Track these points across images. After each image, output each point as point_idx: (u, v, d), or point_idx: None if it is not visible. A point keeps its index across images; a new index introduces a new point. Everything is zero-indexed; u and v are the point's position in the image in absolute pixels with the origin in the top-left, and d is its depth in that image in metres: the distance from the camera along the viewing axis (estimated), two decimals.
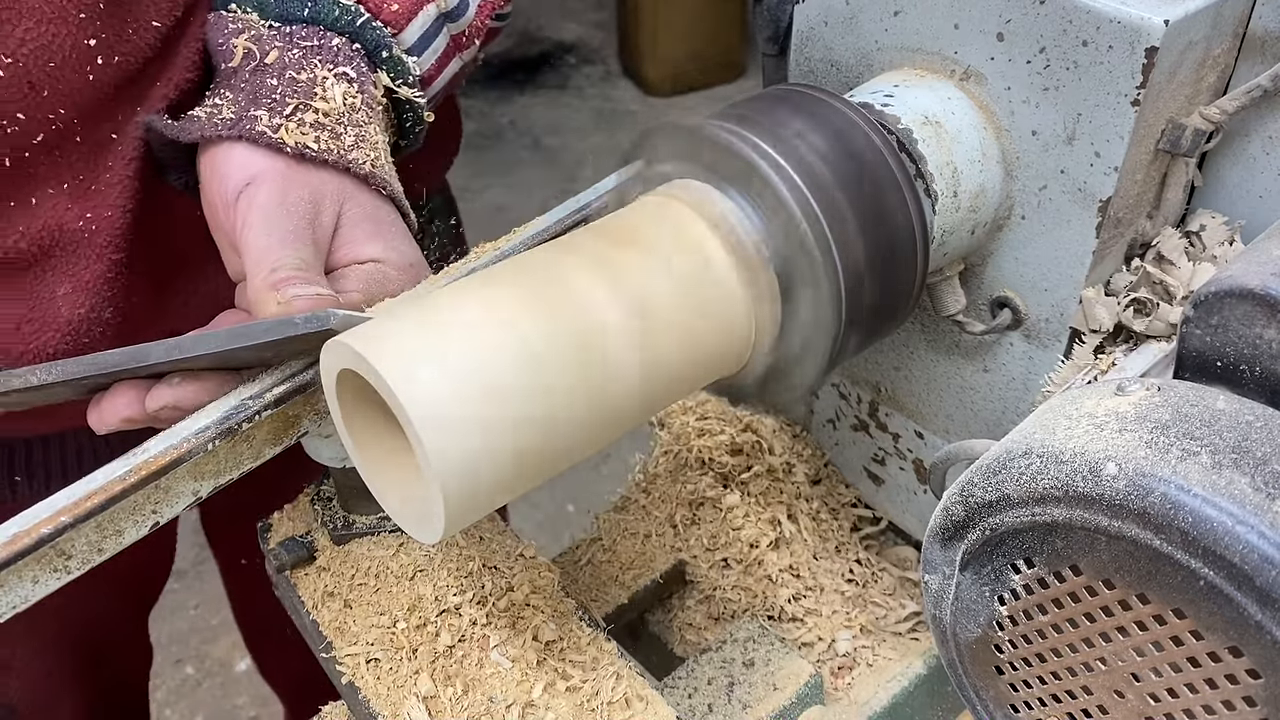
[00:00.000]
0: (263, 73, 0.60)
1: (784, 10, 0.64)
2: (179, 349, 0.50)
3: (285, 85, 0.59)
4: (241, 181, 0.57)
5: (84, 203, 0.62)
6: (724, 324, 0.48)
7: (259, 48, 0.61)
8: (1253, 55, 0.54)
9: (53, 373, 0.52)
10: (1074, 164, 0.53)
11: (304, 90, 0.60)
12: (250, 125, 0.58)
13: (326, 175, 0.59)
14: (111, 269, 0.64)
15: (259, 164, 0.58)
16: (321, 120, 0.59)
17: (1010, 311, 0.59)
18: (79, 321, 0.64)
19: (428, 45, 0.67)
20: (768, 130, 0.49)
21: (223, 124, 0.58)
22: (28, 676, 0.83)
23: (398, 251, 0.59)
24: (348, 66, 0.62)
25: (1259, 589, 0.35)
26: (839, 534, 0.76)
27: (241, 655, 1.91)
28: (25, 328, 0.63)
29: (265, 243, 0.55)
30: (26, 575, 0.47)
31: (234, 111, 0.59)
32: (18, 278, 0.62)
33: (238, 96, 0.60)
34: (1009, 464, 0.42)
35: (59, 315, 0.63)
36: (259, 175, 0.57)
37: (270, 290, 0.53)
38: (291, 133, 0.58)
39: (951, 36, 0.55)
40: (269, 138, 0.57)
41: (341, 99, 0.60)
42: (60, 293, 0.63)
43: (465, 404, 0.41)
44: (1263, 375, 0.42)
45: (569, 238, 0.49)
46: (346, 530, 0.62)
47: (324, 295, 0.53)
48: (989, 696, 0.48)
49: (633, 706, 0.55)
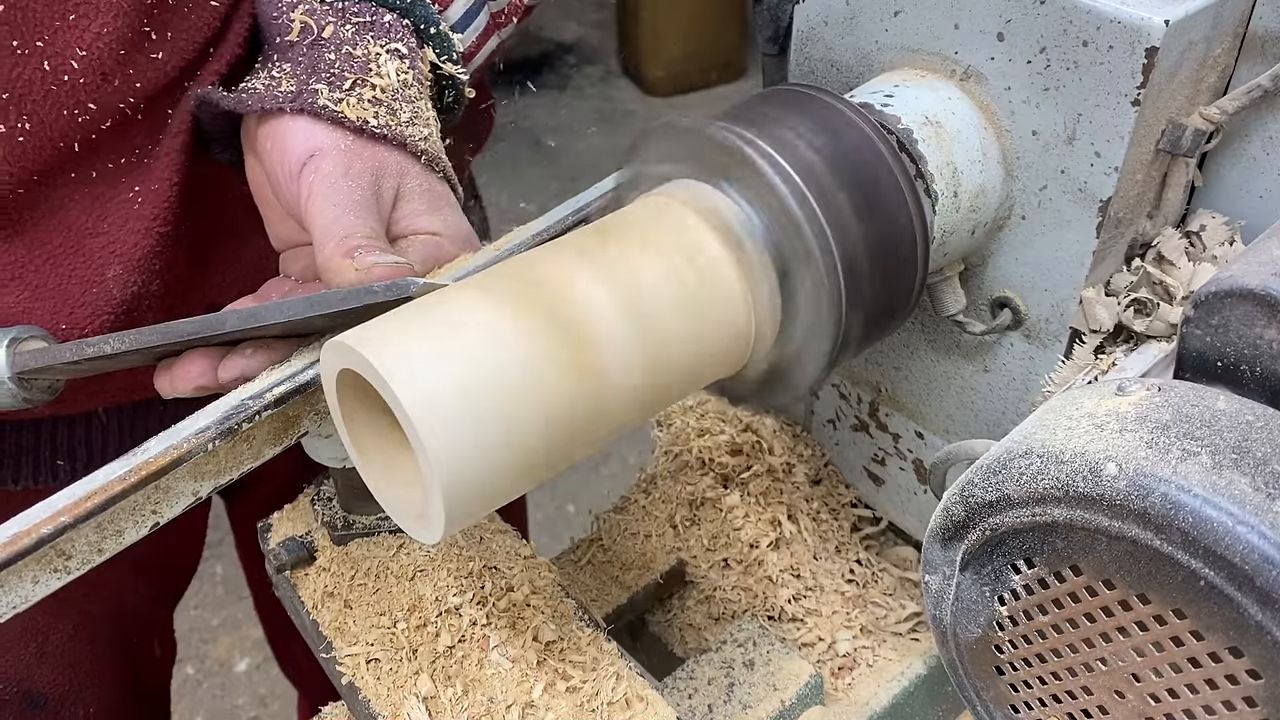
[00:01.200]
0: (320, 47, 0.61)
1: (784, 10, 0.64)
2: (254, 317, 0.51)
3: (342, 60, 0.60)
4: (305, 153, 0.58)
5: (136, 177, 0.64)
6: (724, 324, 0.48)
7: (315, 22, 0.62)
8: (1253, 55, 0.54)
9: (126, 341, 0.53)
10: (1074, 164, 0.53)
11: (360, 66, 0.61)
12: (311, 99, 0.58)
13: (385, 150, 0.59)
14: (159, 243, 0.65)
15: (322, 137, 0.58)
16: (379, 96, 0.60)
17: (1010, 311, 0.59)
18: (130, 299, 0.65)
19: (470, 22, 0.68)
20: (768, 130, 0.49)
21: (283, 97, 0.59)
22: (60, 664, 0.84)
23: (453, 226, 0.60)
24: (399, 43, 0.63)
25: (1259, 589, 0.35)
26: (839, 534, 0.76)
27: (241, 655, 1.92)
28: (79, 311, 0.64)
29: (334, 213, 0.55)
30: (26, 575, 0.47)
31: (294, 85, 0.59)
32: (68, 260, 0.63)
33: (296, 70, 0.60)
34: (1009, 464, 0.42)
35: (111, 297, 0.65)
36: (323, 148, 0.58)
37: (344, 257, 0.53)
38: (352, 107, 0.59)
39: (952, 36, 0.55)
40: (331, 111, 0.58)
41: (395, 75, 0.61)
42: (110, 274, 0.64)
43: (465, 404, 0.41)
44: (1263, 375, 0.42)
45: (569, 238, 0.49)
46: (346, 530, 0.62)
47: (401, 264, 0.53)
48: (989, 697, 0.47)
49: (633, 707, 0.55)
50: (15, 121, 0.57)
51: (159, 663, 1.03)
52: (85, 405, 0.75)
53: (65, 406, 0.72)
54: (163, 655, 1.03)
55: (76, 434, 0.76)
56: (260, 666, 1.91)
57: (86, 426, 0.77)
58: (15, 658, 0.81)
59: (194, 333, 0.52)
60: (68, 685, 0.85)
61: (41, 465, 0.76)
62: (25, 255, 0.62)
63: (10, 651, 0.81)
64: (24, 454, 0.75)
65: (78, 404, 0.73)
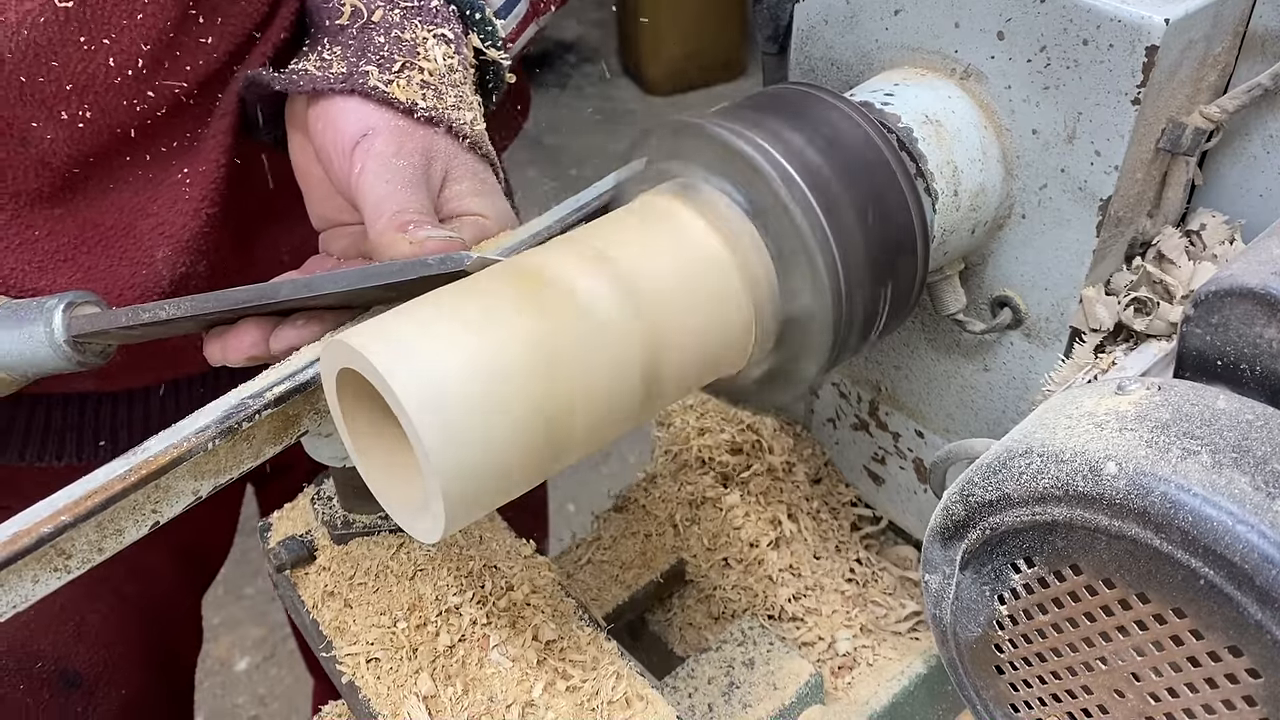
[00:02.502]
0: (370, 30, 0.62)
1: (784, 9, 0.64)
2: (308, 287, 0.51)
3: (391, 43, 0.61)
4: (358, 132, 0.59)
5: (185, 159, 0.65)
6: (724, 322, 0.48)
7: (365, 6, 0.63)
8: (1253, 54, 0.54)
9: (182, 307, 0.54)
10: (1074, 163, 0.53)
11: (408, 50, 0.62)
12: (363, 80, 0.60)
13: (433, 132, 0.61)
14: (206, 224, 0.67)
15: (374, 117, 0.59)
16: (427, 80, 0.61)
17: (1010, 310, 0.59)
18: (178, 281, 0.67)
19: (512, 8, 0.69)
20: (768, 129, 0.49)
21: (335, 78, 0.60)
22: (95, 644, 0.85)
23: (498, 209, 0.61)
24: (445, 28, 0.64)
25: (1259, 588, 0.35)
26: (839, 533, 0.76)
27: (242, 655, 1.92)
28: (128, 293, 0.65)
29: (386, 189, 0.56)
30: (26, 575, 0.47)
31: (345, 67, 0.61)
32: (119, 241, 0.64)
33: (346, 53, 0.62)
34: (1009, 463, 0.42)
35: (160, 278, 0.66)
36: (375, 127, 0.59)
37: (398, 231, 0.54)
38: (402, 89, 0.60)
39: (952, 35, 0.55)
40: (381, 92, 0.59)
41: (442, 59, 0.62)
42: (160, 255, 0.65)
43: (465, 403, 0.41)
44: (1263, 374, 0.42)
45: (569, 237, 0.49)
46: (346, 530, 0.62)
47: (455, 238, 0.54)
48: (989, 696, 0.47)
49: (633, 706, 0.55)
50: (77, 109, 0.59)
51: (187, 650, 1.03)
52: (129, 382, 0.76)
53: (109, 383, 0.74)
54: (191, 642, 1.04)
55: (120, 413, 0.77)
56: (260, 666, 1.91)
57: (129, 405, 0.78)
58: (53, 637, 0.82)
59: (248, 301, 0.53)
60: (102, 666, 0.86)
61: (85, 443, 0.77)
62: (78, 236, 0.63)
63: (48, 630, 0.82)
64: (69, 430, 0.76)
65: (121, 380, 0.74)
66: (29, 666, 0.80)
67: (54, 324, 0.56)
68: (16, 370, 0.57)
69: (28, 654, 0.80)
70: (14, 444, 0.74)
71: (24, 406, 0.73)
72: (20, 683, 0.80)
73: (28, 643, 0.80)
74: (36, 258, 0.62)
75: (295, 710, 1.85)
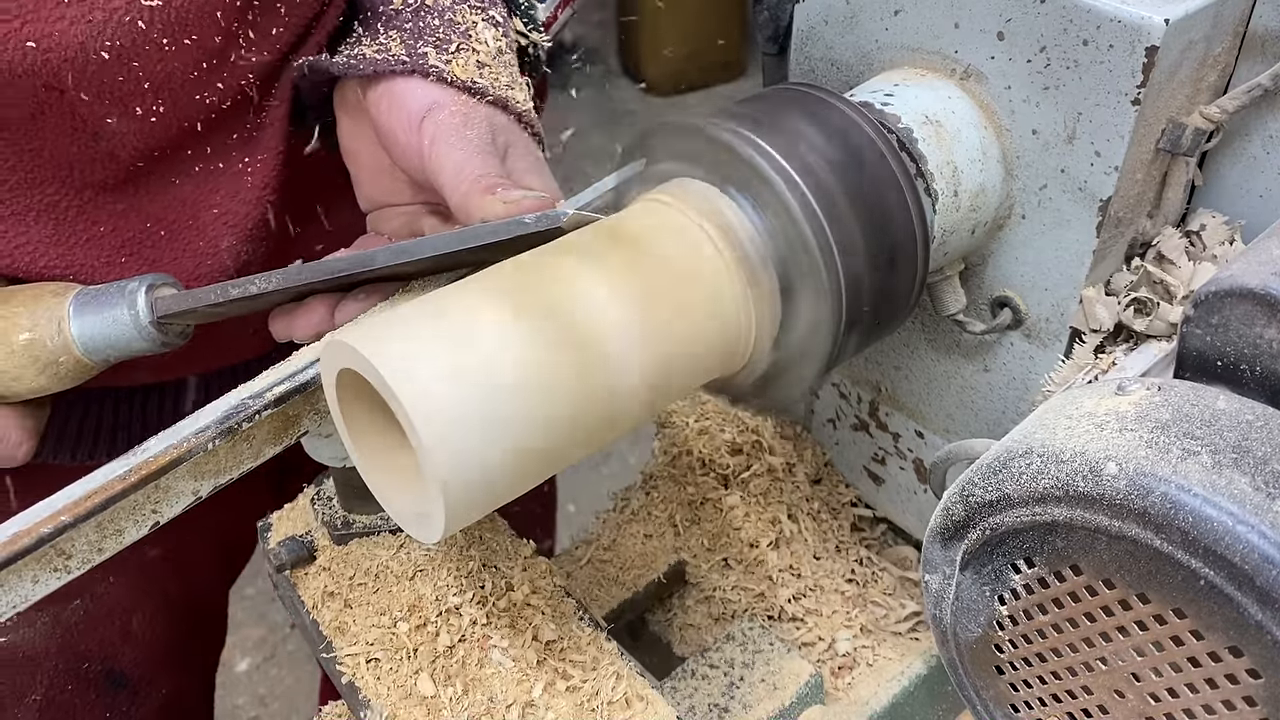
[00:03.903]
0: (423, 14, 0.64)
1: (784, 9, 0.64)
2: (404, 252, 0.52)
3: (446, 26, 0.63)
4: (424, 107, 0.60)
5: (245, 149, 0.66)
6: (724, 323, 0.48)
7: None
8: (1253, 54, 0.54)
9: (272, 281, 0.54)
10: (1074, 163, 0.53)
11: (461, 33, 0.63)
12: (423, 60, 0.61)
13: (494, 110, 0.62)
14: (266, 212, 0.68)
15: (438, 93, 0.61)
16: (482, 60, 0.63)
17: (1010, 311, 0.59)
18: (242, 268, 0.68)
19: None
20: (768, 129, 0.49)
21: (396, 59, 0.61)
22: (140, 645, 0.86)
23: (552, 189, 0.62)
24: (493, 10, 0.65)
25: (1259, 589, 0.35)
26: (839, 534, 0.76)
27: (242, 655, 1.91)
28: (194, 285, 0.65)
29: (462, 155, 0.57)
30: (26, 575, 0.47)
31: (403, 49, 0.62)
32: (184, 233, 0.65)
33: (403, 36, 0.63)
34: (1009, 464, 0.42)
35: (225, 268, 0.67)
36: (440, 102, 0.60)
37: (484, 194, 0.54)
38: (462, 68, 0.61)
39: (952, 35, 0.55)
40: (442, 71, 0.61)
41: (492, 42, 0.64)
42: (224, 245, 0.67)
43: (465, 404, 0.41)
44: (1263, 375, 0.42)
45: (569, 237, 0.49)
46: (346, 530, 0.62)
47: (546, 196, 0.55)
48: (989, 696, 0.47)
49: (633, 706, 0.55)
50: (152, 105, 0.59)
51: (215, 645, 1.03)
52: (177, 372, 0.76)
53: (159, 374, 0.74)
54: (219, 638, 1.04)
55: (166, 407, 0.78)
56: (260, 666, 1.91)
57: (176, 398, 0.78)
58: (100, 636, 0.82)
59: (345, 270, 0.53)
60: (147, 666, 0.86)
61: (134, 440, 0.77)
62: (143, 231, 0.64)
63: (96, 630, 0.82)
64: (119, 429, 0.76)
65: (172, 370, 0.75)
66: (77, 667, 0.81)
67: (138, 305, 0.56)
68: (99, 354, 0.57)
69: (76, 655, 0.81)
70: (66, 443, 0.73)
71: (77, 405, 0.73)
72: (68, 683, 0.80)
73: (76, 644, 0.81)
74: (104, 252, 0.63)
75: (295, 710, 1.84)
